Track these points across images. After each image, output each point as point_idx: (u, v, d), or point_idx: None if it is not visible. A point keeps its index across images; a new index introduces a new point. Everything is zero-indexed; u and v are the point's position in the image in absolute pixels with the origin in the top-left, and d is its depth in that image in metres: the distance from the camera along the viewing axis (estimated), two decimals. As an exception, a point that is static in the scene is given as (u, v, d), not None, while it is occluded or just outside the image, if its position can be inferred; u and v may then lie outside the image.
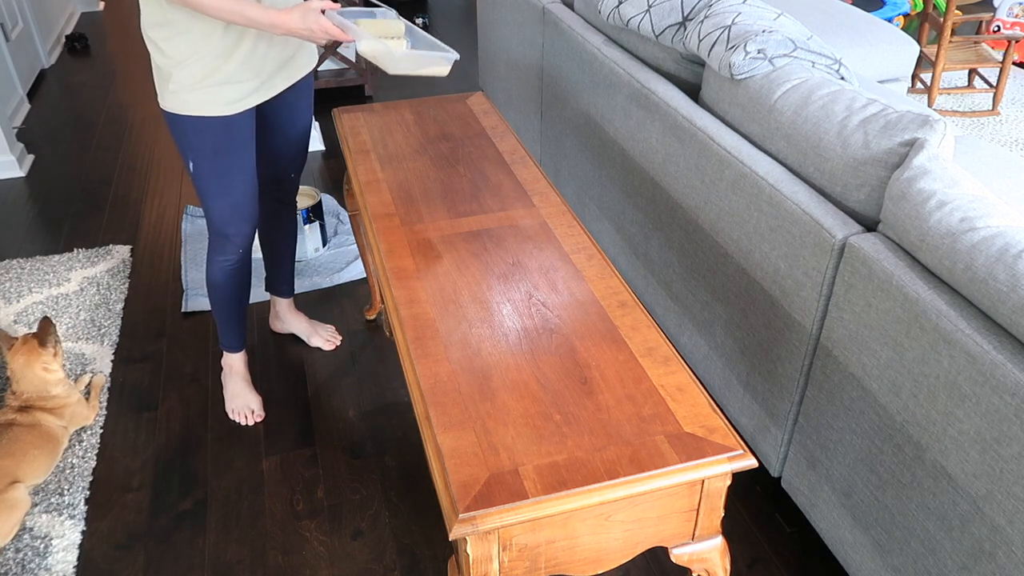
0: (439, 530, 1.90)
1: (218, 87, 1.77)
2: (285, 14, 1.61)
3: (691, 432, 1.21)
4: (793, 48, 1.81)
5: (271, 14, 1.61)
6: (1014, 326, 1.20)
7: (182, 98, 1.77)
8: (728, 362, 1.94)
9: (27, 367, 2.04)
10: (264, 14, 1.61)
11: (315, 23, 1.60)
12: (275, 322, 2.51)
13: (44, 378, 2.05)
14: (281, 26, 1.63)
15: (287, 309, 2.45)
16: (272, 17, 1.62)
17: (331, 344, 2.45)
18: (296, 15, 1.61)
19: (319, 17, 1.60)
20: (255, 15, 1.61)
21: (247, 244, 2.02)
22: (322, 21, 1.60)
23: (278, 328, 2.51)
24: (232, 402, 2.23)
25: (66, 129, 3.92)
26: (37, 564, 1.82)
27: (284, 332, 2.51)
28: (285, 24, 1.62)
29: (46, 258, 2.88)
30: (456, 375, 1.31)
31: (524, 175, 1.91)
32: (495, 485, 1.12)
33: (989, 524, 1.26)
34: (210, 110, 1.79)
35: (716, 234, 1.88)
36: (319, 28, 1.61)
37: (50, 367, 2.07)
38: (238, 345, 2.21)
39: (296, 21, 1.61)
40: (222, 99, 1.79)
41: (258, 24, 1.63)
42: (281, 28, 1.63)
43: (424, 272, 1.56)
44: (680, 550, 1.29)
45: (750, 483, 2.01)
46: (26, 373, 2.04)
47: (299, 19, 1.61)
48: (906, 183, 1.41)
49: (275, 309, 2.47)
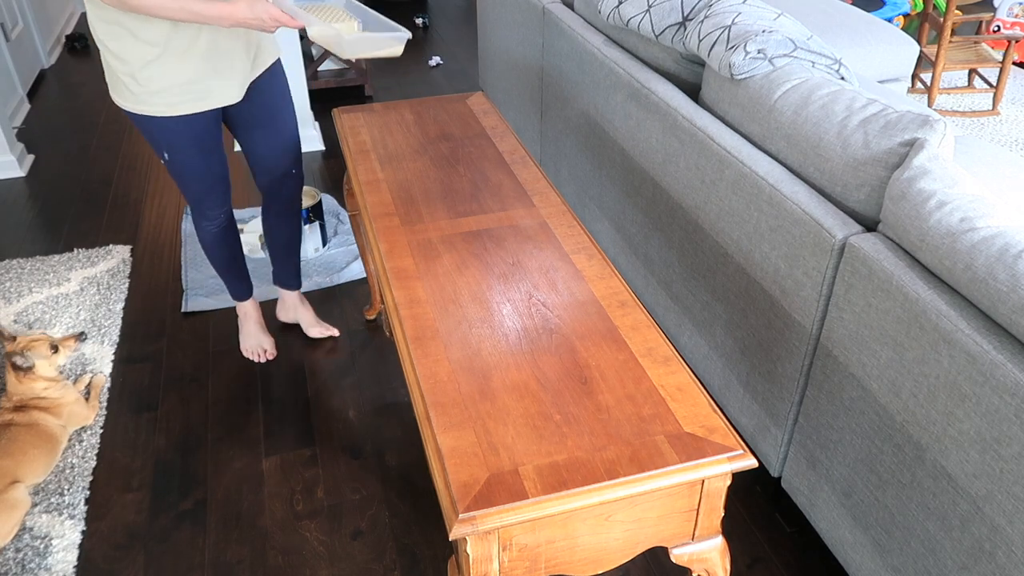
0: (439, 530, 1.90)
1: (182, 86, 1.76)
2: (232, 5, 1.60)
3: (691, 432, 1.22)
4: (793, 48, 1.81)
5: (218, 6, 1.60)
6: (1014, 326, 1.20)
7: (146, 100, 1.76)
8: (728, 362, 1.94)
9: (11, 380, 2.06)
10: (210, 7, 1.59)
11: (264, 12, 1.59)
12: (282, 312, 2.55)
13: (31, 387, 2.05)
14: (229, 17, 1.61)
15: (296, 301, 2.50)
16: (219, 9, 1.60)
17: (326, 333, 2.49)
18: (243, 5, 1.59)
19: (267, 6, 1.59)
20: (200, 8, 1.59)
21: (224, 215, 2.13)
22: (271, 9, 1.59)
23: (284, 318, 2.56)
24: (246, 342, 2.41)
25: (66, 129, 3.92)
26: (37, 564, 1.82)
27: (291, 322, 2.56)
28: (233, 15, 1.61)
29: (46, 258, 2.88)
30: (456, 375, 1.31)
31: (524, 175, 1.91)
32: (495, 485, 1.12)
33: (989, 524, 1.26)
34: (176, 110, 1.78)
35: (716, 234, 1.88)
36: (268, 16, 1.60)
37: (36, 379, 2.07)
38: (246, 294, 2.36)
39: (244, 11, 1.60)
40: (189, 98, 1.78)
41: (205, 18, 1.61)
42: (229, 20, 1.62)
43: (424, 272, 1.56)
44: (680, 550, 1.29)
45: (750, 483, 2.01)
46: (13, 383, 2.06)
47: (247, 9, 1.60)
48: (906, 183, 1.41)
49: (283, 300, 2.52)
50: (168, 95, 1.78)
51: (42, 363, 2.07)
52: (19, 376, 2.04)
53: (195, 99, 1.82)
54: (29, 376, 2.05)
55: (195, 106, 1.83)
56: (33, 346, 2.08)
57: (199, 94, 1.82)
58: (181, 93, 1.79)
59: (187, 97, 1.81)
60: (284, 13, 1.60)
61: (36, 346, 2.08)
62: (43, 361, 2.07)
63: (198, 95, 1.82)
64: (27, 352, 2.05)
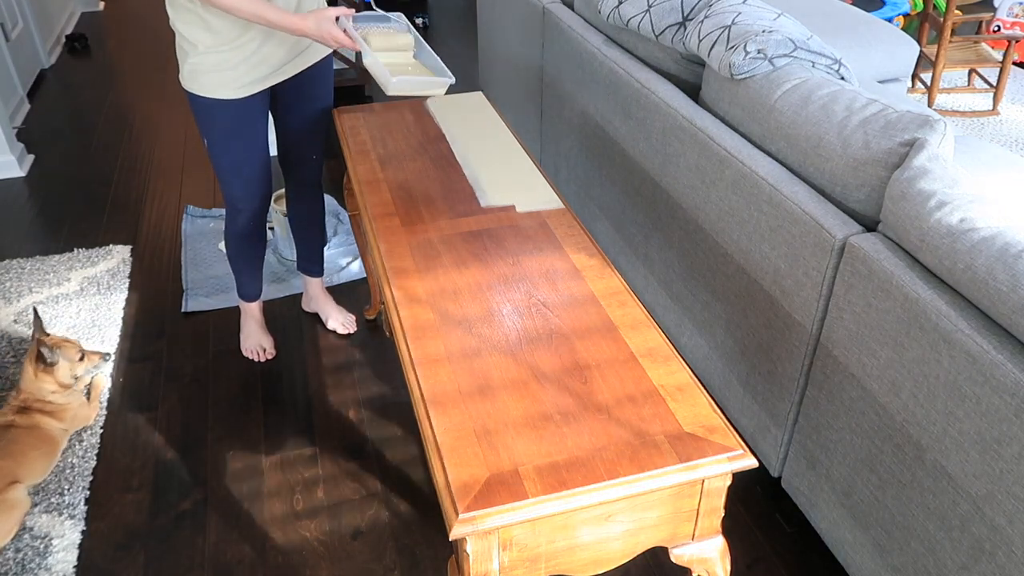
0: (439, 530, 1.90)
1: (228, 72, 1.89)
2: (301, 19, 1.73)
3: (691, 432, 1.21)
4: (793, 48, 1.81)
5: (288, 18, 1.73)
6: (1014, 326, 1.20)
7: (196, 79, 1.90)
8: (728, 362, 1.94)
9: (28, 372, 2.05)
10: (281, 17, 1.73)
11: (328, 31, 1.72)
12: (306, 301, 2.61)
13: (40, 387, 2.05)
14: (296, 30, 1.74)
15: (316, 288, 2.55)
16: (288, 21, 1.73)
17: (345, 329, 2.52)
18: (311, 21, 1.72)
19: (332, 26, 1.72)
20: (273, 17, 1.73)
21: (258, 215, 2.19)
22: (334, 30, 1.72)
23: (308, 307, 2.61)
24: (247, 342, 2.44)
25: (66, 129, 3.92)
26: (37, 564, 1.82)
27: (312, 311, 2.60)
28: (300, 28, 1.74)
29: (46, 258, 2.88)
30: (456, 375, 1.31)
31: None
32: (495, 485, 1.12)
33: (989, 524, 1.26)
34: (220, 93, 1.91)
35: (716, 234, 1.88)
36: (331, 36, 1.73)
37: (50, 379, 2.07)
38: (254, 295, 2.40)
39: (311, 27, 1.73)
40: (231, 84, 1.91)
41: (275, 26, 1.75)
42: (297, 32, 1.75)
43: (424, 272, 1.56)
44: (680, 550, 1.29)
45: (750, 483, 2.01)
46: (27, 377, 2.05)
47: (314, 25, 1.73)
48: (906, 183, 1.41)
49: (306, 289, 2.57)
50: (215, 76, 1.89)
51: (65, 365, 2.07)
52: (37, 370, 2.04)
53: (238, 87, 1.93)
54: (47, 372, 2.05)
55: (236, 92, 1.93)
56: (64, 345, 2.09)
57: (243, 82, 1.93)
58: (225, 77, 1.90)
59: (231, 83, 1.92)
60: (346, 36, 1.73)
61: (67, 347, 2.10)
62: (67, 364, 2.08)
63: (242, 83, 1.93)
64: (56, 349, 2.06)
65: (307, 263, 2.49)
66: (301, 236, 2.44)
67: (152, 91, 4.35)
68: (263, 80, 1.96)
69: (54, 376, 2.06)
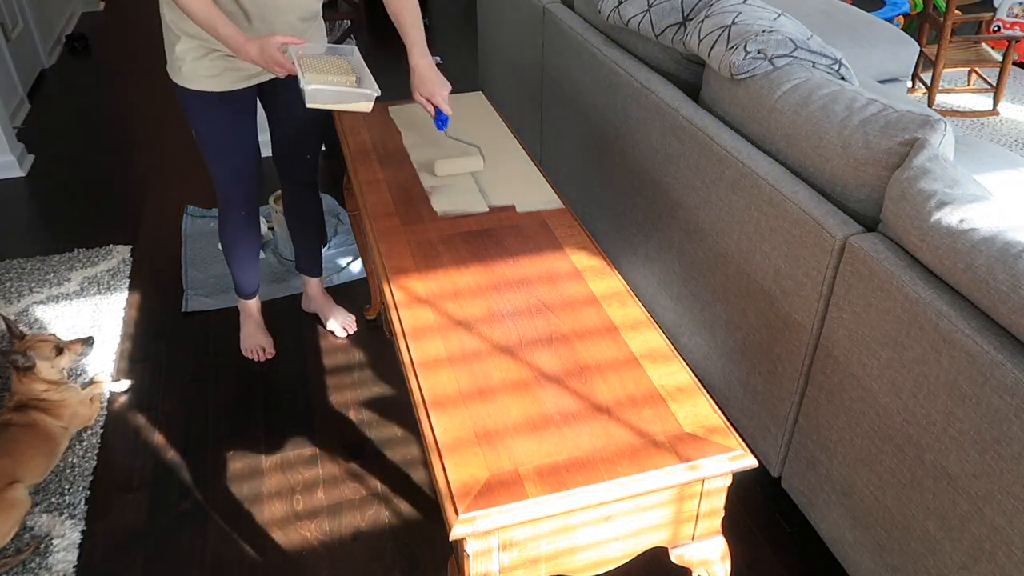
0: (439, 530, 1.90)
1: (212, 64, 1.90)
2: (248, 42, 1.74)
3: (691, 432, 1.21)
4: (793, 48, 1.81)
5: (238, 39, 1.74)
6: (1014, 326, 1.20)
7: (180, 70, 1.92)
8: (728, 362, 1.94)
9: (13, 378, 2.06)
10: (231, 36, 1.74)
11: (270, 57, 1.73)
12: (305, 301, 2.60)
13: (31, 388, 2.05)
14: (241, 52, 1.75)
15: (315, 289, 2.55)
16: (237, 42, 1.74)
17: (344, 331, 2.51)
18: (255, 46, 1.73)
19: (275, 52, 1.72)
20: (222, 32, 1.74)
21: (249, 208, 2.19)
22: (276, 56, 1.72)
23: (308, 308, 2.61)
24: (246, 342, 2.44)
25: (66, 129, 3.92)
26: (37, 564, 1.82)
27: (312, 311, 2.60)
28: (246, 51, 1.74)
29: (46, 258, 2.88)
30: (456, 375, 1.31)
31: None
32: (495, 485, 1.12)
33: (989, 524, 1.26)
34: (204, 85, 1.93)
35: (716, 234, 1.88)
36: (273, 62, 1.73)
37: (36, 380, 2.06)
38: (250, 292, 2.40)
39: (254, 51, 1.73)
40: (215, 76, 1.92)
41: (224, 42, 1.75)
42: (242, 53, 1.75)
43: (424, 272, 1.56)
44: (680, 550, 1.29)
45: (750, 483, 2.01)
46: (15, 382, 2.05)
47: (257, 50, 1.73)
48: (906, 183, 1.41)
49: (305, 290, 2.57)
50: (198, 67, 1.91)
51: (44, 364, 2.06)
52: (19, 376, 2.04)
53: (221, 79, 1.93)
54: (29, 376, 2.04)
55: (219, 85, 1.94)
56: (37, 346, 2.07)
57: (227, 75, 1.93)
58: (209, 69, 1.91)
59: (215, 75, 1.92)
60: (286, 59, 1.73)
61: (40, 347, 2.08)
62: (45, 362, 2.07)
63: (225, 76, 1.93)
64: (29, 352, 2.05)
65: (305, 263, 2.49)
66: (298, 236, 2.43)
67: (152, 91, 4.35)
68: (248, 78, 1.97)
69: (38, 376, 2.06)
